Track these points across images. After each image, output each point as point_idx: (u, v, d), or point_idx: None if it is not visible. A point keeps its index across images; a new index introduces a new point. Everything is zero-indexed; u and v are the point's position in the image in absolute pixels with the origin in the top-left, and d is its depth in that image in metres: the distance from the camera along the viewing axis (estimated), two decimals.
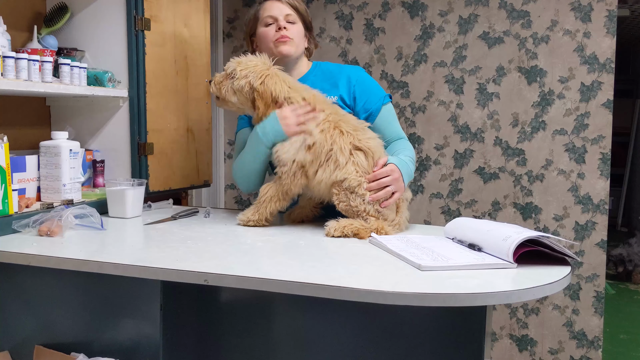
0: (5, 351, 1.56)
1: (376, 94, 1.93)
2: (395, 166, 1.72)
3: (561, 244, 1.40)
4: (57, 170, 1.89)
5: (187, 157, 2.37)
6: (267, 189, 1.77)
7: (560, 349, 3.13)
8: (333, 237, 1.65)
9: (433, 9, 3.22)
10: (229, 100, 1.81)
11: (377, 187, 1.69)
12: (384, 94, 1.94)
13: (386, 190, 1.69)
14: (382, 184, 1.69)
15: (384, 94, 1.94)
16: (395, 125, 1.94)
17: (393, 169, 1.71)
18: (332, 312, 1.55)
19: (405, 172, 1.75)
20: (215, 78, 1.83)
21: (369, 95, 1.92)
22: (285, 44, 1.89)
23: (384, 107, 1.92)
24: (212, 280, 1.29)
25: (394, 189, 1.70)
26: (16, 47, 1.96)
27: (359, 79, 1.94)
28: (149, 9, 2.13)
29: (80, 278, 1.48)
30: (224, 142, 3.68)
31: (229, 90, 1.79)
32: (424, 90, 3.26)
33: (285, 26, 1.89)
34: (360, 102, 1.91)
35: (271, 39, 1.90)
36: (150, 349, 1.45)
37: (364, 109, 1.90)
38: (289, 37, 1.89)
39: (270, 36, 1.90)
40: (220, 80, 1.81)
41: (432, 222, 3.27)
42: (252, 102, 1.79)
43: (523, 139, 3.12)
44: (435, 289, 1.19)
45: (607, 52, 2.97)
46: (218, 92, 1.82)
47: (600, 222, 3.04)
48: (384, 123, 1.89)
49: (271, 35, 1.90)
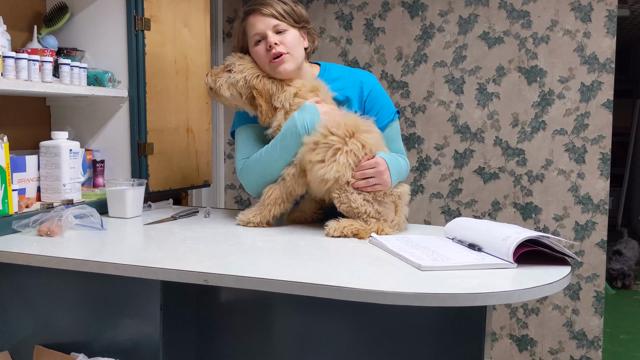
0: (5, 351, 1.56)
1: (387, 110, 1.89)
2: (382, 160, 1.70)
3: (561, 244, 1.40)
4: (57, 170, 1.89)
5: (187, 157, 2.37)
6: (271, 191, 1.76)
7: (560, 349, 3.13)
8: (333, 237, 1.65)
9: (433, 9, 3.22)
10: (221, 95, 1.80)
11: (360, 177, 1.69)
12: (394, 110, 1.91)
13: (367, 181, 1.69)
14: (365, 175, 1.68)
15: (394, 111, 1.91)
16: (398, 142, 1.92)
17: (379, 162, 1.69)
18: (332, 312, 1.55)
19: (394, 169, 1.73)
20: (213, 69, 1.83)
21: (380, 111, 1.88)
22: (282, 63, 1.76)
23: (391, 123, 1.89)
24: (212, 280, 1.28)
25: (377, 181, 1.69)
26: (16, 47, 1.96)
27: (373, 91, 1.89)
28: (149, 9, 2.13)
29: (80, 278, 1.48)
30: (224, 142, 3.68)
31: (223, 84, 1.79)
32: (424, 90, 3.26)
33: (276, 42, 1.75)
34: (370, 115, 1.85)
35: (265, 60, 1.78)
36: (150, 349, 1.45)
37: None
38: (282, 52, 1.76)
39: (263, 56, 1.78)
40: (217, 72, 1.81)
41: (432, 222, 3.27)
42: (247, 99, 1.79)
43: (523, 139, 3.12)
44: (435, 289, 1.19)
45: (607, 52, 2.97)
46: (213, 84, 1.81)
47: (600, 222, 3.04)
48: (387, 140, 1.85)
49: (263, 55, 1.78)
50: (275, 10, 1.77)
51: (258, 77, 1.77)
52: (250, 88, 1.77)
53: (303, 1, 3.40)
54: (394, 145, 1.89)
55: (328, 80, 1.89)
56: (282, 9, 1.78)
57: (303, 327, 1.59)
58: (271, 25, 1.77)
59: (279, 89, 1.79)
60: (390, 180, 1.71)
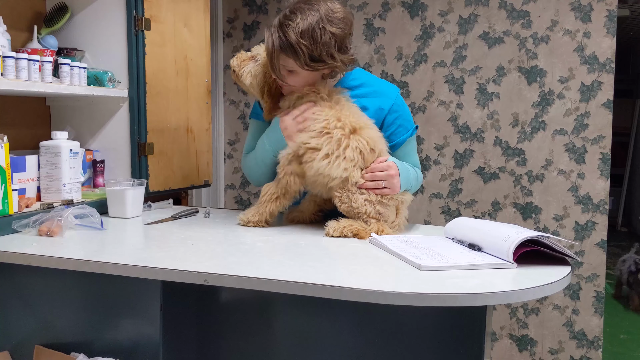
0: (5, 351, 1.56)
1: (407, 126, 1.86)
2: (393, 164, 1.71)
3: (561, 244, 1.40)
4: (57, 170, 1.89)
5: (187, 157, 2.37)
6: (268, 188, 1.78)
7: (560, 349, 3.13)
8: (333, 237, 1.65)
9: (433, 9, 3.22)
10: (243, 82, 1.82)
11: (370, 179, 1.69)
12: (414, 126, 1.88)
13: (377, 183, 1.69)
14: (375, 177, 1.69)
15: (413, 127, 1.88)
16: (414, 156, 1.90)
17: (391, 165, 1.70)
18: (332, 312, 1.55)
19: (404, 175, 1.73)
20: (241, 54, 1.84)
21: (399, 126, 1.85)
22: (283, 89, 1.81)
23: (410, 138, 1.87)
24: (212, 280, 1.29)
25: (387, 185, 1.69)
26: (16, 47, 1.96)
27: (396, 106, 1.85)
28: (149, 9, 2.13)
29: (80, 278, 1.48)
30: (224, 142, 3.68)
31: (247, 71, 1.81)
32: (424, 90, 3.26)
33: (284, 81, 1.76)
34: (388, 129, 1.84)
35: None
36: (150, 349, 1.45)
37: (390, 138, 1.83)
38: (289, 84, 1.76)
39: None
40: (244, 58, 1.83)
41: (432, 222, 3.27)
42: (261, 92, 1.80)
43: (523, 139, 3.12)
44: (435, 289, 1.19)
45: (607, 52, 2.97)
46: (237, 68, 1.82)
47: (600, 222, 3.04)
48: (404, 155, 1.85)
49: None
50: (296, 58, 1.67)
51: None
52: (266, 83, 1.78)
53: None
54: (410, 158, 1.87)
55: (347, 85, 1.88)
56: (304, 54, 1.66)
57: (303, 327, 1.59)
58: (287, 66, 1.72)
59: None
60: (399, 186, 1.71)
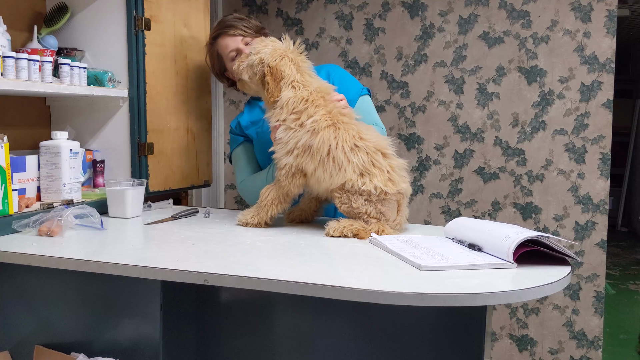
0: (5, 351, 1.56)
1: (353, 87, 2.04)
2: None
3: (561, 244, 1.40)
4: (57, 170, 1.89)
5: (187, 157, 2.37)
6: (268, 193, 1.77)
7: (560, 349, 3.13)
8: (333, 237, 1.65)
9: (433, 9, 3.22)
10: (242, 79, 1.85)
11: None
12: (362, 87, 2.06)
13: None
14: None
15: (361, 87, 2.06)
16: (373, 115, 2.04)
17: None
18: (332, 312, 1.55)
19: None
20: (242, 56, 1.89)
21: (346, 88, 1.99)
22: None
23: (361, 98, 2.03)
24: (212, 280, 1.29)
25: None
26: (16, 47, 1.96)
27: (338, 74, 2.06)
28: (149, 9, 2.13)
29: (80, 278, 1.48)
30: (224, 142, 3.68)
31: (243, 68, 1.83)
32: (424, 90, 3.26)
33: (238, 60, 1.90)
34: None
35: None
36: (150, 349, 1.45)
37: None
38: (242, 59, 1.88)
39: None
40: (243, 59, 1.86)
41: (432, 222, 3.27)
42: (260, 78, 1.79)
43: (523, 139, 3.12)
44: (435, 289, 1.19)
45: (607, 52, 2.97)
46: (237, 68, 1.87)
47: (600, 222, 3.04)
48: (362, 112, 1.89)
49: None
50: (240, 30, 2.06)
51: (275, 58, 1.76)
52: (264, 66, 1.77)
53: (303, 2, 3.40)
54: (370, 118, 1.99)
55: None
56: (244, 25, 2.07)
57: (303, 327, 1.59)
58: (240, 40, 2.05)
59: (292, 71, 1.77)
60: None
